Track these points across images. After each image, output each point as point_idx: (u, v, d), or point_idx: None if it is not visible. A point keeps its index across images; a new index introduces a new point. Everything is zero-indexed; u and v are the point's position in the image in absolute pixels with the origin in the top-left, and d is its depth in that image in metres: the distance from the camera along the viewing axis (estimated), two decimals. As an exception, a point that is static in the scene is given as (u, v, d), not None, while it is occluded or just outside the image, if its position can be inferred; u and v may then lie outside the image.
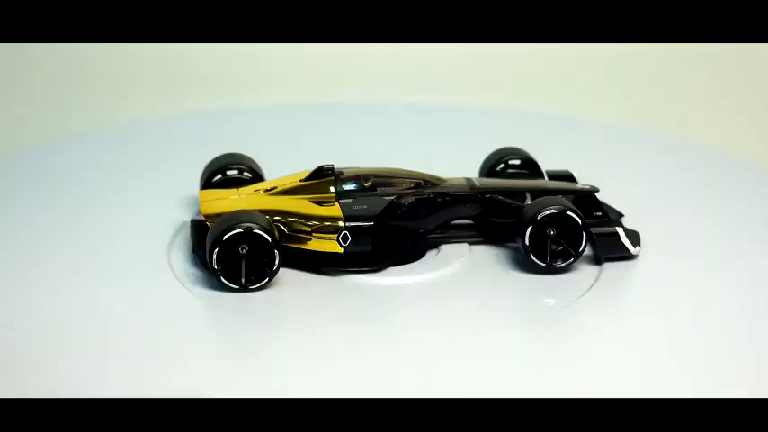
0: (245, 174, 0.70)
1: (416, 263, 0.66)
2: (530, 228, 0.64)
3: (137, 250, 0.67)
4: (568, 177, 0.73)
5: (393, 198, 0.65)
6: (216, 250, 0.61)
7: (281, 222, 0.64)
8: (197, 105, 1.03)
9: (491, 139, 0.77)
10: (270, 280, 0.62)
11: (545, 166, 0.74)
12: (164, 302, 0.62)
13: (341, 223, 0.64)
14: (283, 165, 0.82)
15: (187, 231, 0.68)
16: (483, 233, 0.69)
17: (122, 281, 0.64)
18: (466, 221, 0.69)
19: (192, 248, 0.66)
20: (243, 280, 0.62)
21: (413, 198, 0.66)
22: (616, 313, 0.61)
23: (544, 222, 0.64)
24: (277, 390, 0.53)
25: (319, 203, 0.65)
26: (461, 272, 0.65)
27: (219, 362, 0.57)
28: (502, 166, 0.73)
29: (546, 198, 0.66)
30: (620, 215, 0.70)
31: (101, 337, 0.58)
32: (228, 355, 0.58)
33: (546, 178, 0.73)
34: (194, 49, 1.09)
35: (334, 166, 0.66)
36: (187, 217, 0.70)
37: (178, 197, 0.73)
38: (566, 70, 1.12)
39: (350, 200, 0.65)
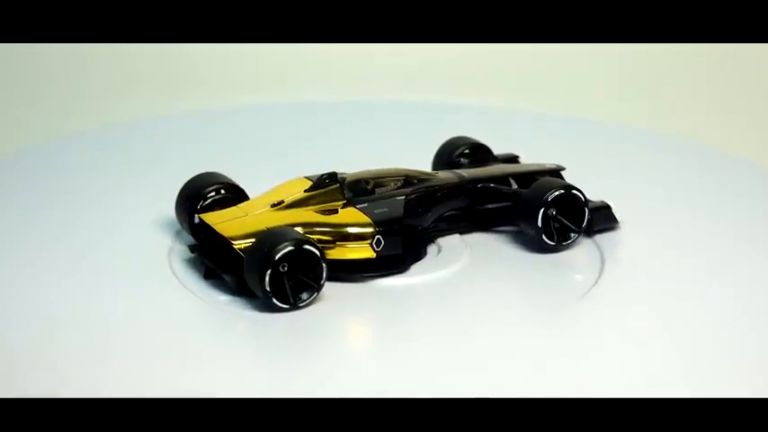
0: (222, 191, 0.67)
1: (422, 261, 0.66)
2: (542, 210, 0.66)
3: (137, 250, 0.67)
4: (514, 159, 0.75)
5: (403, 198, 0.66)
6: (269, 272, 0.58)
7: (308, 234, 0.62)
8: (197, 105, 1.03)
9: (492, 139, 0.77)
10: (318, 294, 0.61)
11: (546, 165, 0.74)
12: (164, 302, 0.62)
13: (371, 229, 0.63)
14: (283, 164, 0.82)
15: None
16: (473, 221, 0.70)
17: (122, 281, 0.64)
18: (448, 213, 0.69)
19: (203, 275, 0.63)
20: (292, 298, 0.60)
21: (414, 195, 0.66)
22: (619, 313, 0.61)
23: (553, 203, 0.66)
24: (289, 390, 0.54)
25: (329, 212, 0.64)
26: (467, 268, 0.66)
27: (221, 363, 0.57)
28: (459, 157, 0.74)
29: (544, 180, 0.68)
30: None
31: (101, 337, 0.58)
32: (229, 356, 0.58)
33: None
34: (194, 49, 1.09)
35: (335, 172, 0.66)
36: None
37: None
38: (566, 70, 1.12)
39: (365, 204, 0.64)
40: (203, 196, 0.66)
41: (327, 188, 0.64)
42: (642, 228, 0.71)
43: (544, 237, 0.66)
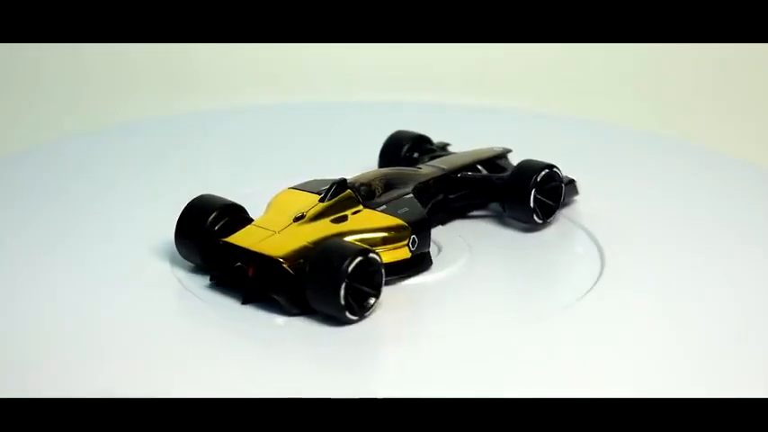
0: (225, 215, 0.64)
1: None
2: (533, 190, 0.68)
3: (138, 251, 0.67)
4: (446, 146, 0.77)
5: (412, 195, 0.66)
6: (343, 285, 0.57)
7: None
8: (197, 106, 1.03)
9: (492, 139, 0.77)
10: (377, 300, 0.60)
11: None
12: (166, 303, 0.62)
13: (407, 230, 0.63)
14: (282, 164, 0.82)
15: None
16: (451, 211, 0.71)
17: (123, 281, 0.64)
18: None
19: (242, 301, 0.61)
20: (359, 309, 0.59)
21: (416, 191, 0.67)
22: (619, 313, 0.61)
23: (541, 183, 0.69)
24: (290, 391, 0.54)
25: (341, 219, 0.63)
26: (467, 268, 0.66)
27: (222, 364, 0.57)
28: (410, 150, 0.76)
29: (524, 163, 0.70)
30: None
31: (102, 338, 0.58)
32: (232, 357, 0.58)
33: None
34: (194, 50, 1.10)
35: (344, 178, 0.65)
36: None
37: (178, 197, 0.73)
38: (566, 70, 1.12)
39: (384, 206, 0.64)
40: (213, 223, 0.63)
41: (342, 195, 0.64)
42: (642, 227, 0.71)
43: (535, 216, 0.69)
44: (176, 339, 0.59)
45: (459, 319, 0.61)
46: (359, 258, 0.58)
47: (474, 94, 1.07)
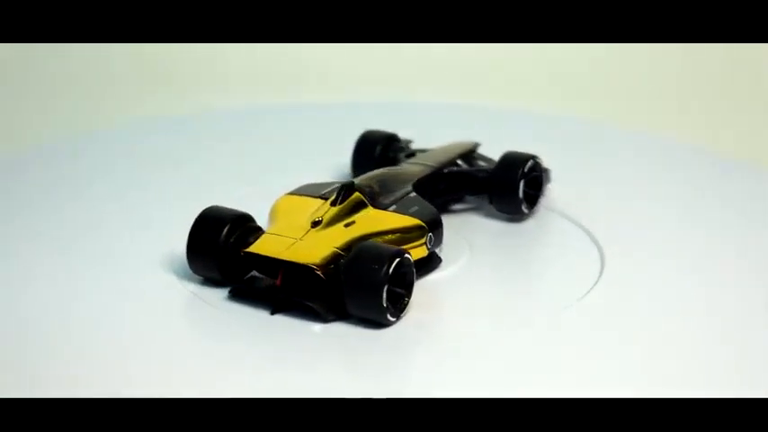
0: (237, 227, 0.62)
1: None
2: (522, 181, 0.70)
3: (142, 251, 0.67)
4: (409, 144, 0.77)
5: (415, 195, 0.66)
6: (386, 287, 0.57)
7: None
8: (198, 106, 1.03)
9: (492, 139, 0.77)
10: (409, 299, 0.60)
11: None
12: (170, 304, 0.62)
13: (424, 229, 0.63)
14: (280, 166, 0.82)
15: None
16: (440, 207, 0.71)
17: (126, 282, 0.64)
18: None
19: (272, 312, 0.60)
20: (394, 309, 0.58)
21: (415, 190, 0.67)
22: (619, 313, 0.61)
23: (527, 174, 0.70)
24: (289, 391, 0.54)
25: (355, 222, 0.63)
26: (467, 268, 0.66)
27: (226, 364, 0.57)
28: (385, 150, 0.76)
29: (510, 155, 0.71)
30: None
31: (105, 340, 0.58)
32: (233, 357, 0.58)
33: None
34: (196, 50, 1.10)
35: (352, 181, 0.65)
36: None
37: (185, 198, 0.73)
38: (565, 70, 1.12)
39: (394, 206, 0.64)
40: (228, 235, 0.62)
41: (351, 198, 0.64)
42: (642, 227, 0.71)
43: (523, 207, 0.70)
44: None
45: (460, 319, 0.61)
46: (397, 260, 0.58)
47: (473, 93, 1.07)
